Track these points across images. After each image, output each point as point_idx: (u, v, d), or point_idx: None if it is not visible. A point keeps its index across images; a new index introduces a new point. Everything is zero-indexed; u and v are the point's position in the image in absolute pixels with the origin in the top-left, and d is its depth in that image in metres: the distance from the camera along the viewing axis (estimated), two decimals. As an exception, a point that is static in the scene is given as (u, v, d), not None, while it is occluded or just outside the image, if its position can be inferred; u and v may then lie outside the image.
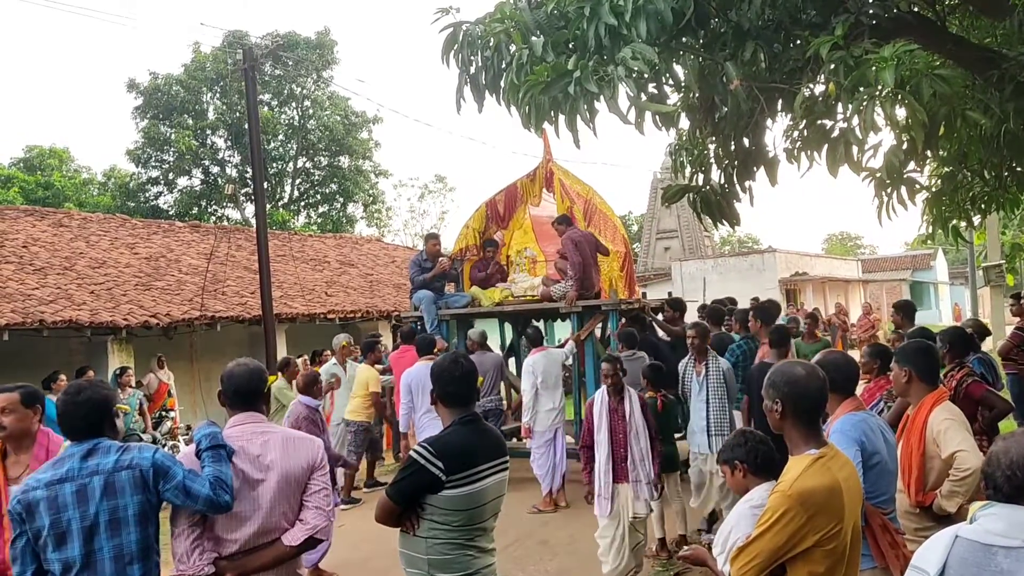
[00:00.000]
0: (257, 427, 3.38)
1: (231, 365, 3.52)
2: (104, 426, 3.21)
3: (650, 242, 36.20)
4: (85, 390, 3.24)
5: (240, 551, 3.21)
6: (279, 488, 3.27)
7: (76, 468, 3.10)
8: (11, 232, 15.34)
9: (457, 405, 3.55)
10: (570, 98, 4.15)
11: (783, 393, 2.90)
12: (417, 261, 10.59)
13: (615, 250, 10.14)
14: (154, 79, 30.07)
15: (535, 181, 11.19)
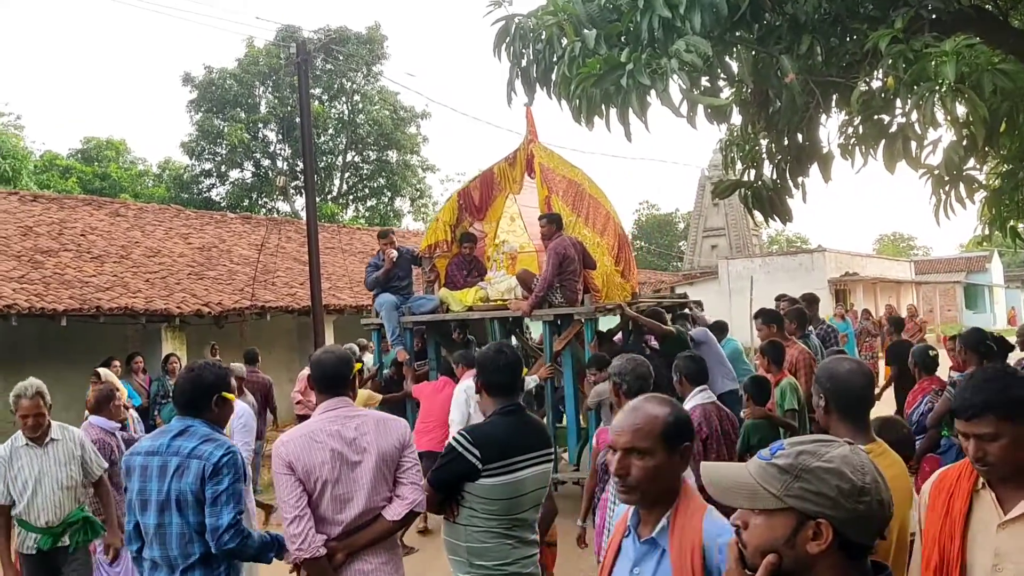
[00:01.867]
0: (348, 411, 3.50)
1: (319, 352, 3.69)
2: (204, 405, 3.48)
3: (697, 240, 35.87)
4: (195, 369, 3.52)
5: (345, 531, 3.34)
6: (377, 468, 3.40)
7: (165, 445, 3.40)
8: (70, 221, 15.77)
9: (500, 394, 3.57)
10: (622, 91, 4.13)
11: (827, 389, 2.87)
12: (373, 263, 9.31)
13: (607, 243, 8.87)
14: (208, 73, 30.62)
15: (515, 165, 9.61)
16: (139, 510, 3.37)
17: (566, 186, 8.92)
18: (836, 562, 1.55)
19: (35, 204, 16.27)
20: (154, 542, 3.36)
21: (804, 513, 1.53)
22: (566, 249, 7.98)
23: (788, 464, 1.57)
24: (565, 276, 7.96)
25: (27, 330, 11.56)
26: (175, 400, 3.51)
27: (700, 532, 2.27)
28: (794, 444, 1.62)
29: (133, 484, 3.39)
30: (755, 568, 1.57)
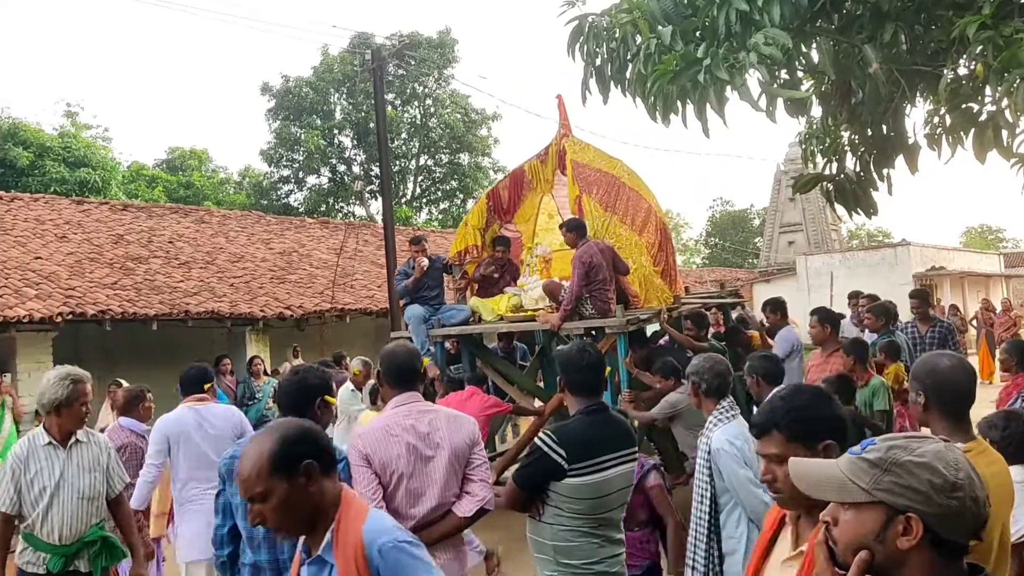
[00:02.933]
0: (420, 406, 3.55)
1: (391, 346, 3.75)
2: (309, 408, 3.40)
3: (773, 236, 35.15)
4: (301, 372, 3.53)
5: (417, 526, 3.35)
6: (449, 464, 3.44)
7: None
8: (159, 228, 16.37)
9: (583, 394, 3.57)
10: (699, 86, 4.09)
11: (925, 385, 2.79)
12: (403, 271, 8.77)
13: (646, 241, 8.13)
14: (285, 82, 31.37)
15: (547, 162, 9.02)
16: (244, 514, 3.18)
17: (600, 181, 8.18)
18: (928, 560, 1.51)
19: (125, 213, 16.94)
20: (262, 546, 3.28)
21: (894, 507, 1.51)
22: (592, 257, 7.29)
23: (878, 458, 1.55)
24: (594, 286, 7.29)
25: (120, 334, 12.05)
26: (280, 402, 3.48)
27: (361, 537, 2.24)
28: (886, 439, 1.60)
29: (231, 489, 3.27)
30: (846, 566, 1.55)
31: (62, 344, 11.54)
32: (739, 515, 3.96)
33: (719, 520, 4.00)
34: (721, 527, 3.99)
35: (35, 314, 10.62)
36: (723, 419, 4.12)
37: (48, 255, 13.19)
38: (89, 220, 15.71)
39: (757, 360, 4.96)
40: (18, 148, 23.91)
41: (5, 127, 24.98)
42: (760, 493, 3.95)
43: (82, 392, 4.14)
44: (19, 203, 15.63)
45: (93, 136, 29.11)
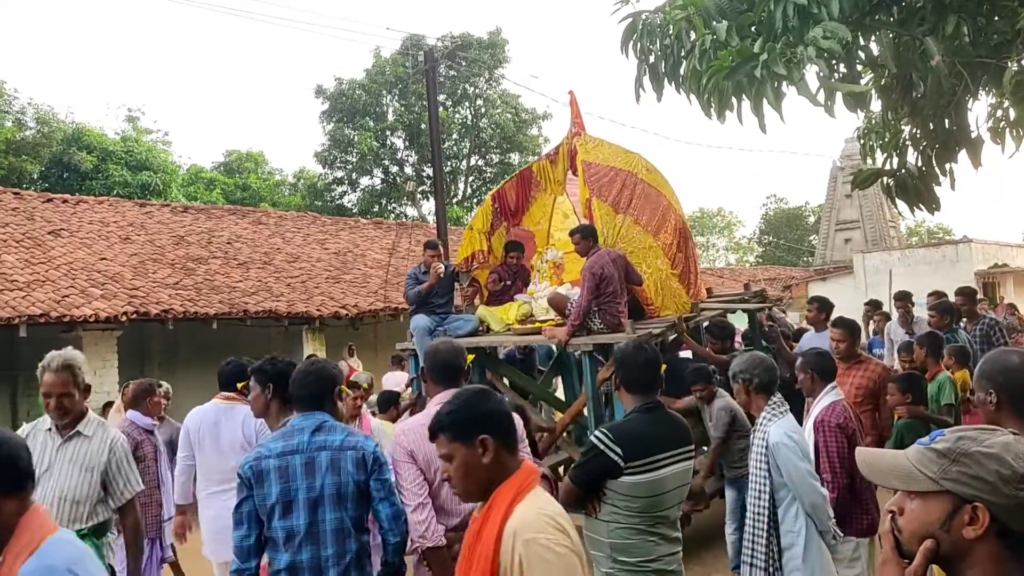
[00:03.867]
0: None
1: (435, 343, 3.75)
2: (327, 401, 3.42)
3: (829, 234, 34.50)
4: (316, 364, 3.54)
5: (462, 523, 3.36)
6: None
7: (305, 442, 3.28)
8: (217, 230, 16.73)
9: (639, 392, 3.58)
10: (756, 82, 4.05)
11: (997, 383, 2.71)
12: (413, 274, 8.15)
13: (662, 243, 7.51)
14: (339, 84, 31.77)
15: (557, 162, 8.41)
16: (280, 514, 3.21)
17: (614, 180, 7.53)
18: (994, 551, 1.50)
19: (185, 215, 17.35)
20: (304, 544, 3.21)
21: (960, 497, 1.51)
22: (603, 268, 6.72)
23: (947, 448, 1.55)
24: (604, 298, 6.70)
25: (182, 333, 12.35)
26: (300, 395, 3.41)
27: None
28: (955, 431, 1.60)
29: (268, 489, 3.22)
30: (911, 555, 1.56)
31: (127, 343, 11.87)
32: (796, 509, 3.97)
33: (778, 515, 4.01)
34: (780, 522, 4.00)
35: (101, 313, 10.94)
36: (776, 414, 4.12)
37: (112, 256, 13.57)
38: (151, 222, 16.13)
39: (812, 356, 4.87)
40: (82, 152, 24.65)
41: (70, 132, 25.75)
42: (818, 486, 3.99)
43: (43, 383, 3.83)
44: (84, 206, 16.12)
45: (154, 140, 29.86)
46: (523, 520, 2.27)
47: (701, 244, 57.65)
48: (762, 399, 4.16)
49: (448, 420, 2.43)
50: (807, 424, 4.65)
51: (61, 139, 25.19)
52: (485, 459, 2.37)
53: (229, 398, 5.16)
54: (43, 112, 26.26)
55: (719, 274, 27.46)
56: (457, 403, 2.47)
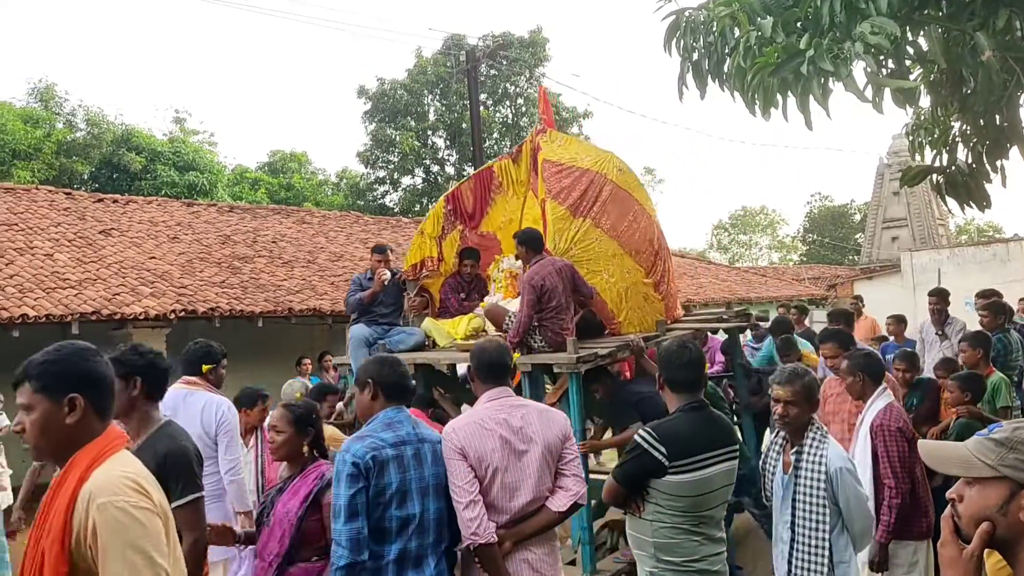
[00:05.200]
0: (512, 400, 3.59)
1: (481, 342, 3.81)
2: (408, 395, 3.59)
3: (875, 232, 33.92)
4: (396, 358, 3.62)
5: (512, 520, 3.40)
6: (542, 458, 3.46)
7: (411, 433, 3.39)
8: (262, 229, 16.98)
9: (684, 391, 3.58)
10: (802, 78, 4.02)
11: None
12: (358, 280, 7.52)
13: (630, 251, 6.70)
14: (381, 85, 32.02)
15: (520, 162, 7.69)
16: (396, 504, 3.26)
17: (578, 181, 6.74)
18: None
19: (231, 214, 17.63)
20: (414, 534, 3.28)
21: (1017, 482, 1.62)
22: (544, 279, 6.02)
23: (1004, 438, 1.67)
24: (546, 313, 5.99)
25: (228, 331, 12.54)
26: (391, 391, 3.46)
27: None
28: (1012, 423, 1.72)
29: (389, 478, 3.26)
30: (969, 538, 1.65)
31: (175, 340, 12.10)
32: (847, 537, 3.73)
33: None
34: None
35: (150, 311, 11.18)
36: (821, 435, 3.81)
37: (161, 255, 13.84)
38: (198, 221, 16.41)
39: (861, 358, 4.77)
40: (131, 153, 25.15)
41: (119, 133, 26.30)
42: (871, 510, 3.86)
43: None
44: (134, 206, 16.45)
45: (200, 141, 30.37)
46: (99, 483, 2.16)
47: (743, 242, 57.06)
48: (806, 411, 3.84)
49: (38, 370, 2.25)
50: (860, 430, 4.56)
51: (111, 140, 25.74)
52: (69, 419, 2.22)
53: (190, 383, 4.78)
54: (93, 114, 26.88)
55: (762, 273, 27.15)
56: (54, 355, 2.28)
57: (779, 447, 3.98)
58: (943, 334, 8.08)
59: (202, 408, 4.71)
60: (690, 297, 18.82)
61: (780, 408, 3.80)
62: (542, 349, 5.98)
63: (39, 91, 27.19)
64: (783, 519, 3.85)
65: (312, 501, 3.57)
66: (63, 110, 26.98)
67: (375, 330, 7.10)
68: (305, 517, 3.54)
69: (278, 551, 3.52)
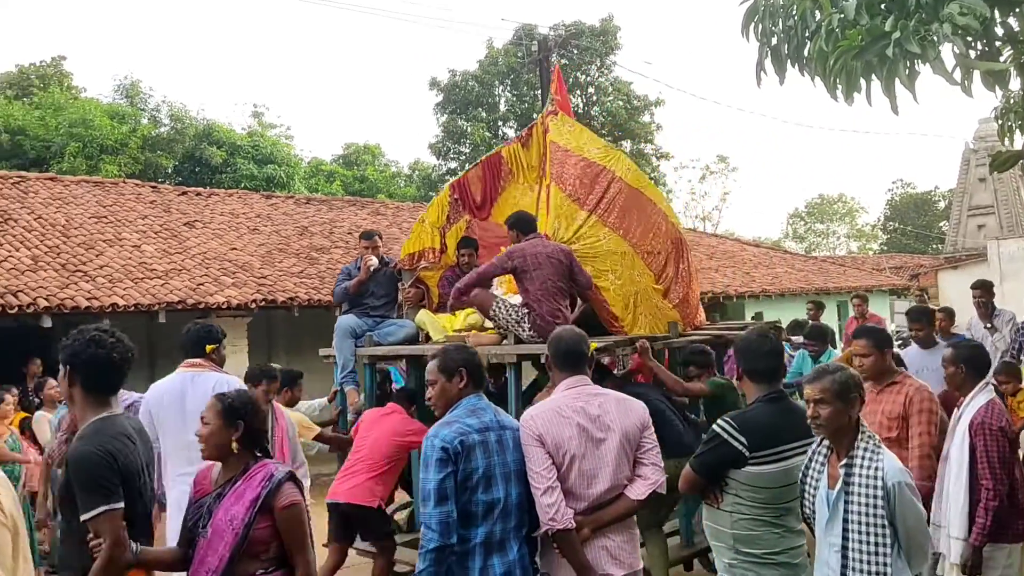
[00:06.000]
0: (590, 389, 3.61)
1: (558, 330, 3.81)
2: (484, 383, 3.66)
3: (960, 220, 32.70)
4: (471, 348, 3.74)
5: (590, 507, 3.43)
6: (620, 446, 3.48)
7: (493, 420, 3.46)
8: (338, 220, 17.30)
9: (763, 381, 3.55)
10: (888, 61, 3.93)
11: None
12: (347, 270, 7.18)
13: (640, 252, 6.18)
14: (452, 76, 32.23)
15: (530, 146, 7.13)
16: (483, 488, 3.32)
17: (585, 172, 6.28)
18: None
19: (308, 206, 18.01)
20: (499, 518, 3.34)
21: None
22: (525, 257, 5.51)
23: None
24: (534, 296, 5.48)
25: (306, 320, 12.86)
26: (479, 378, 3.54)
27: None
28: None
29: (476, 463, 3.32)
30: None
31: (255, 329, 12.45)
32: (903, 561, 3.20)
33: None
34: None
35: (232, 301, 11.52)
36: (874, 444, 3.26)
37: (242, 246, 14.24)
38: (277, 213, 16.82)
39: (966, 348, 4.50)
40: (212, 147, 25.90)
41: (201, 128, 27.10)
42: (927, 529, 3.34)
43: None
44: (215, 198, 16.96)
45: (277, 134, 31.06)
46: None
47: (821, 232, 55.70)
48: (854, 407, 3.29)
49: None
50: (958, 427, 4.35)
51: (193, 135, 26.52)
52: None
53: (195, 364, 4.63)
54: (176, 109, 27.74)
55: (840, 262, 26.46)
56: None
57: (824, 457, 3.37)
58: (992, 327, 7.79)
59: (213, 387, 4.45)
60: (765, 288, 18.46)
61: (811, 409, 3.28)
62: (531, 339, 5.51)
63: (125, 88, 28.22)
64: (829, 542, 3.27)
65: (261, 505, 3.15)
66: (148, 106, 27.93)
67: (365, 321, 6.72)
68: (253, 524, 3.12)
69: (217, 566, 3.12)
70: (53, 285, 10.71)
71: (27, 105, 25.27)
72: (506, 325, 5.62)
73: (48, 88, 27.05)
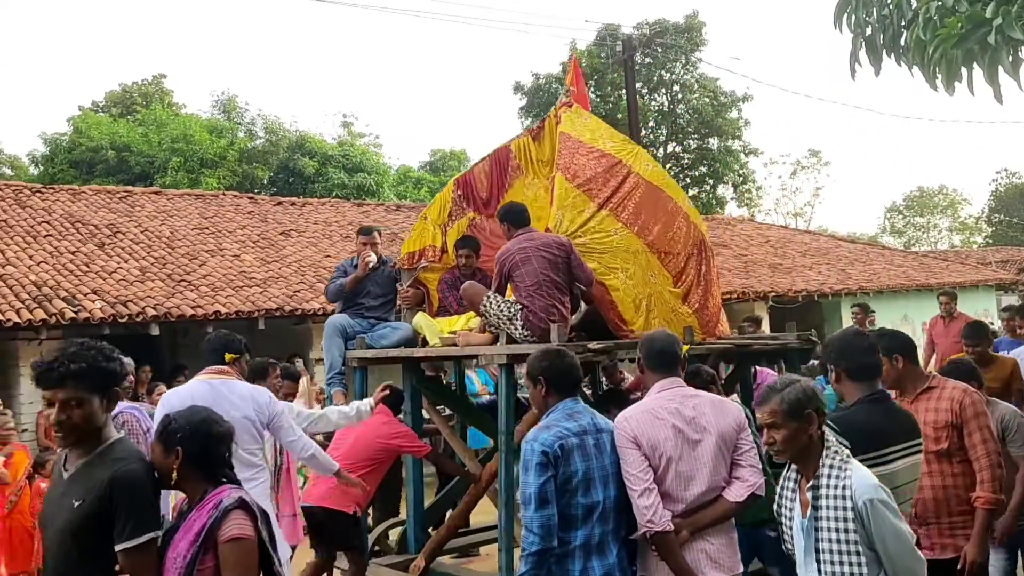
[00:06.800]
0: (684, 391, 3.59)
1: (651, 332, 3.82)
2: (577, 385, 3.66)
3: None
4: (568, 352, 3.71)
5: (688, 510, 3.41)
6: (717, 448, 3.45)
7: (590, 424, 3.48)
8: (426, 226, 17.59)
9: (864, 380, 3.45)
10: (990, 48, 3.79)
11: None
12: (342, 267, 6.78)
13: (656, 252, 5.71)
14: (536, 80, 32.37)
15: (542, 140, 6.70)
16: (582, 491, 3.32)
17: (597, 165, 5.82)
18: None
19: (398, 213, 18.38)
20: (598, 520, 3.34)
21: None
22: (515, 255, 5.12)
23: None
24: (526, 292, 5.06)
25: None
26: (562, 384, 3.52)
27: None
28: None
29: (575, 466, 3.32)
30: None
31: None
32: None
33: None
34: None
35: (327, 307, 11.82)
36: (840, 460, 2.94)
37: (335, 253, 14.61)
38: (368, 221, 17.21)
39: None
40: (305, 158, 26.69)
41: (294, 139, 27.97)
42: (919, 551, 2.90)
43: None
44: (309, 207, 17.48)
45: (366, 143, 31.80)
46: None
47: (920, 225, 53.63)
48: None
49: None
50: None
51: (287, 146, 27.41)
52: None
53: (222, 372, 4.46)
54: (271, 122, 28.73)
55: (943, 257, 25.42)
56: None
57: (794, 483, 3.06)
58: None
59: (250, 393, 4.36)
60: (862, 285, 17.89)
61: (764, 435, 2.95)
62: (524, 338, 5.04)
63: (222, 103, 29.40)
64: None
65: (204, 538, 2.66)
66: (244, 120, 29.02)
67: (359, 323, 6.36)
68: (196, 562, 2.65)
69: None
70: (160, 295, 11.25)
71: (131, 122, 26.57)
72: (497, 323, 5.15)
73: (150, 105, 28.39)
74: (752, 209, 38.63)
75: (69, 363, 2.73)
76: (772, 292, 16.37)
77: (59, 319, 9.93)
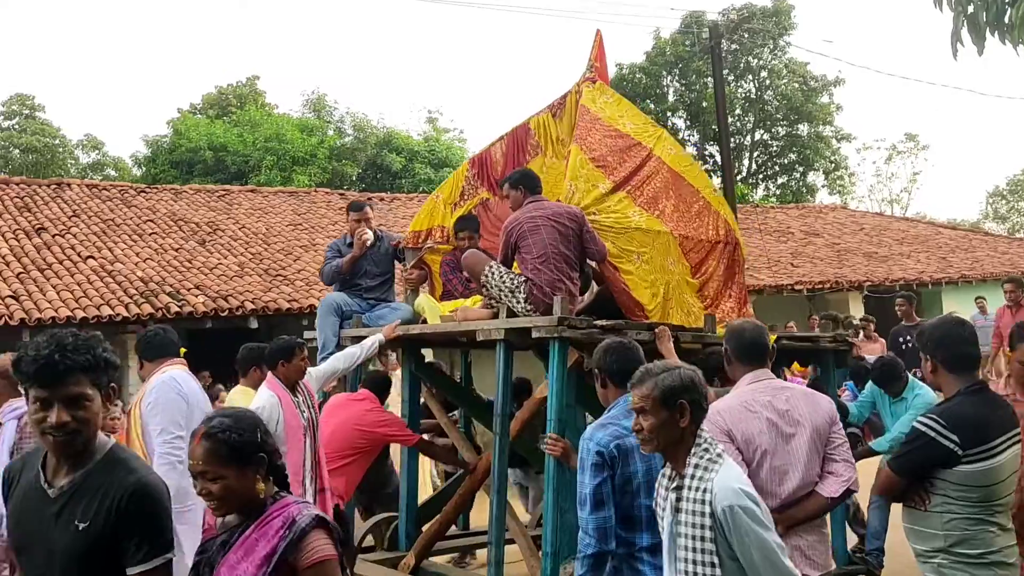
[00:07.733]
0: (775, 383, 3.50)
1: (738, 323, 3.74)
2: None
3: None
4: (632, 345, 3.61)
5: (782, 505, 3.31)
6: (811, 442, 3.36)
7: None
8: (511, 219, 17.74)
9: (966, 370, 3.34)
10: (1104, 24, 3.62)
11: None
12: (335, 246, 6.44)
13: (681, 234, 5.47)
14: (620, 70, 32.13)
15: (562, 116, 6.39)
16: (644, 493, 3.18)
17: (616, 144, 5.53)
18: None
19: (483, 207, 18.59)
20: (648, 527, 3.18)
21: None
22: (520, 223, 4.84)
23: None
24: (531, 264, 4.77)
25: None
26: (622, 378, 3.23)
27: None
28: None
29: (634, 467, 3.23)
30: None
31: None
32: None
33: None
34: None
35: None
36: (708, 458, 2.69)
37: (423, 247, 14.89)
38: (454, 215, 17.47)
39: None
40: (392, 154, 27.19)
41: (381, 136, 28.52)
42: (792, 567, 2.66)
43: None
44: (397, 203, 17.83)
45: (451, 138, 32.13)
46: None
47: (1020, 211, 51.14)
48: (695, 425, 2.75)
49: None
50: None
51: (374, 143, 27.95)
52: None
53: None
54: (359, 120, 29.35)
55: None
56: None
57: (668, 479, 2.79)
58: None
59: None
60: (964, 273, 17.22)
61: (634, 421, 2.76)
62: (525, 312, 4.74)
63: (312, 102, 30.19)
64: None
65: (277, 563, 2.27)
66: (333, 118, 29.72)
67: (357, 303, 6.09)
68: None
69: None
70: (257, 289, 11.68)
71: (227, 123, 27.54)
72: (498, 295, 4.84)
73: (244, 107, 29.35)
74: (845, 196, 37.53)
75: (73, 354, 2.24)
76: (867, 281, 15.92)
77: (165, 313, 10.42)
